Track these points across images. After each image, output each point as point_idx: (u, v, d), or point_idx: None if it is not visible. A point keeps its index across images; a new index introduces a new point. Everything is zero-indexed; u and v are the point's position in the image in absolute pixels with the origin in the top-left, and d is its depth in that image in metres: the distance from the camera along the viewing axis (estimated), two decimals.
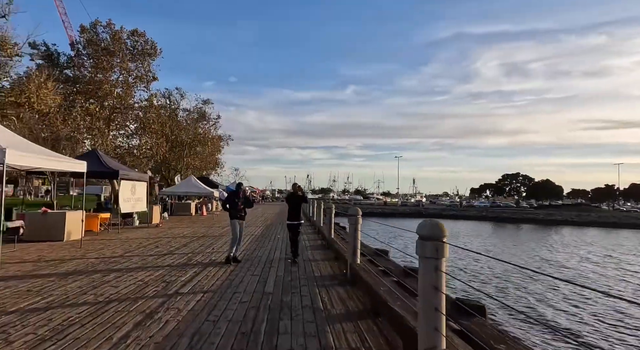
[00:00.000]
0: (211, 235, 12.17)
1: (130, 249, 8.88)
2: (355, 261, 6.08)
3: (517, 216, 58.28)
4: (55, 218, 9.96)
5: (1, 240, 7.02)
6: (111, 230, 12.84)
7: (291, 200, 7.99)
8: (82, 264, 6.92)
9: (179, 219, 19.72)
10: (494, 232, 37.35)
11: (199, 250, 8.96)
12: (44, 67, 25.22)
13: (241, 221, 7.67)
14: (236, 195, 7.67)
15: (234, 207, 7.59)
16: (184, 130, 39.66)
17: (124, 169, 13.34)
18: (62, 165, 8.20)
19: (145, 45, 33.82)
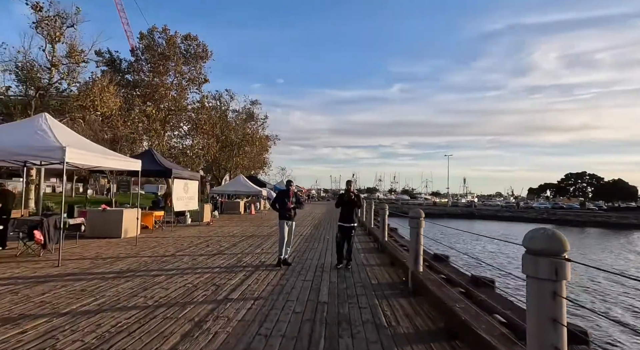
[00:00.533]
0: (260, 235, 12.01)
1: (181, 248, 8.87)
2: (418, 269, 5.44)
3: (583, 219, 53.29)
4: (113, 215, 10.28)
5: (63, 237, 7.21)
6: (165, 227, 13.15)
7: (345, 200, 7.25)
8: (135, 263, 6.91)
9: (229, 217, 20.01)
10: None
11: (248, 251, 8.74)
12: (107, 73, 26.95)
13: (290, 222, 7.28)
14: (286, 194, 7.29)
15: (284, 206, 7.21)
16: (233, 130, 40.66)
17: (177, 167, 13.62)
18: (118, 164, 8.35)
19: (198, 49, 35.08)
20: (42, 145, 6.43)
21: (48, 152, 6.41)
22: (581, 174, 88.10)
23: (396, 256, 7.25)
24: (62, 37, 19.86)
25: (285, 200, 7.21)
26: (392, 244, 8.93)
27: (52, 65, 19.26)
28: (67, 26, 20.02)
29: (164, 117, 31.75)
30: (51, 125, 7.22)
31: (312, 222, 17.75)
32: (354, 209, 7.23)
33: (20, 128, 7.12)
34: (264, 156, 49.01)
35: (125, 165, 8.63)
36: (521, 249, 2.21)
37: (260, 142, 45.14)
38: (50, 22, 19.17)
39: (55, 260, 6.74)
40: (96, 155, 7.40)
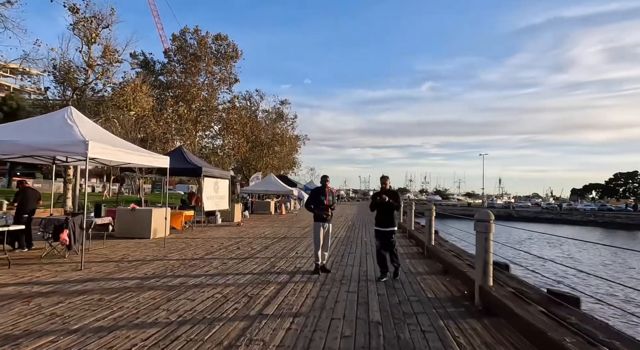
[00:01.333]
0: (292, 237, 11.32)
1: (211, 250, 8.30)
2: (487, 282, 4.50)
3: (636, 222, 49.15)
4: (142, 215, 9.90)
5: (86, 237, 6.78)
6: (195, 228, 12.74)
7: (379, 201, 6.04)
8: (161, 267, 6.36)
9: (259, 217, 19.54)
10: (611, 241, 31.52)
11: (281, 255, 8.05)
12: (140, 74, 27.36)
13: (326, 224, 6.47)
14: (321, 192, 6.49)
15: (319, 206, 6.41)
16: (263, 130, 40.53)
17: (207, 166, 13.20)
18: (146, 160, 7.89)
19: (228, 48, 35.18)
20: (64, 140, 6.00)
21: (70, 147, 5.97)
22: (632, 174, 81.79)
23: (451, 263, 6.29)
24: (98, 38, 20.15)
25: (321, 199, 6.43)
26: (438, 249, 7.95)
27: (88, 66, 19.57)
28: (102, 27, 20.28)
29: (196, 117, 31.97)
30: (76, 119, 6.82)
31: (346, 223, 16.91)
32: (393, 209, 6.03)
33: (43, 122, 6.77)
34: (294, 156, 48.68)
35: (153, 162, 8.17)
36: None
37: (290, 142, 44.86)
38: (87, 23, 19.46)
39: (79, 262, 6.30)
40: (122, 150, 6.94)
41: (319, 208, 6.35)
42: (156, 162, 8.45)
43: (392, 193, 6.13)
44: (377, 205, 6.11)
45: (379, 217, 6.09)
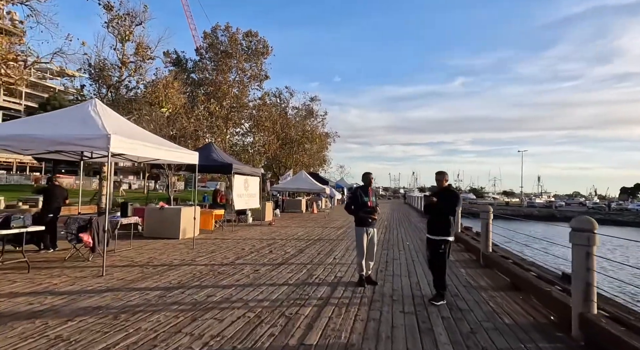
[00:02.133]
0: (328, 239, 10.53)
1: (242, 254, 7.64)
2: (591, 310, 3.51)
3: None
4: (171, 214, 9.44)
5: (106, 239, 6.28)
6: (225, 227, 12.22)
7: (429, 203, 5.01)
8: (188, 274, 5.74)
9: (290, 216, 18.92)
10: None
11: (318, 260, 7.26)
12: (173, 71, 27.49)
13: (371, 229, 5.58)
14: (365, 192, 5.60)
15: (362, 208, 5.52)
16: (293, 127, 40.04)
17: (237, 163, 12.66)
18: (173, 156, 7.33)
19: (258, 45, 34.90)
20: (84, 133, 5.49)
21: (91, 141, 5.46)
22: None
23: (525, 279, 5.25)
24: (132, 35, 20.21)
25: (364, 200, 5.55)
26: (498, 257, 6.88)
27: (121, 63, 19.65)
28: (135, 24, 20.31)
29: (227, 114, 31.90)
30: (100, 112, 6.32)
31: (381, 224, 15.94)
32: (447, 214, 4.83)
33: (66, 115, 6.32)
34: (324, 153, 47.98)
35: (180, 158, 7.61)
36: None
37: (320, 138, 44.17)
38: (120, 20, 19.52)
39: (102, 266, 5.79)
40: (148, 145, 6.38)
41: (362, 211, 5.49)
42: (185, 157, 7.89)
43: (449, 194, 4.97)
44: (429, 208, 5.09)
45: (430, 223, 5.05)
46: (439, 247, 4.82)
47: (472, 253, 8.42)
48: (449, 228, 4.84)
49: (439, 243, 4.82)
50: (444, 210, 4.86)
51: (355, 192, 5.70)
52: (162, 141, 7.61)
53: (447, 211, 4.85)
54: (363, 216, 5.49)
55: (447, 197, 4.91)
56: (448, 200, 4.86)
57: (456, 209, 5.03)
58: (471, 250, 8.57)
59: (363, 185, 5.71)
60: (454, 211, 5.01)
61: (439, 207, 4.89)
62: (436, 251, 4.85)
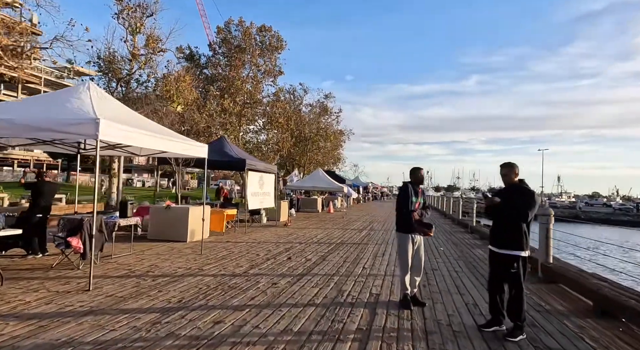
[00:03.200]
0: (351, 242, 9.45)
1: (257, 262, 6.62)
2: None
3: None
4: (178, 214, 8.49)
5: (93, 244, 5.35)
6: (238, 228, 11.25)
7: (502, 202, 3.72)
8: (192, 288, 4.73)
9: (306, 216, 17.88)
10: None
11: (345, 270, 6.19)
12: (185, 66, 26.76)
13: (417, 236, 4.46)
14: (414, 191, 4.49)
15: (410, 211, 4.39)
16: (307, 124, 39.08)
17: (251, 158, 11.68)
18: (179, 148, 6.34)
19: (272, 39, 34.00)
20: (67, 117, 4.54)
21: (76, 126, 4.50)
22: None
23: (604, 294, 4.07)
24: (143, 27, 19.46)
25: (413, 200, 4.45)
26: (566, 270, 5.68)
27: (132, 56, 18.92)
28: (146, 16, 19.55)
29: (240, 111, 31.07)
30: (93, 95, 5.38)
31: None
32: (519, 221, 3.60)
33: (52, 99, 5.41)
34: (338, 151, 46.96)
35: (187, 150, 6.62)
36: None
37: (335, 136, 43.15)
38: (131, 11, 18.78)
39: (94, 276, 4.84)
40: (147, 134, 5.41)
41: (410, 214, 4.36)
42: (192, 150, 6.91)
43: (520, 193, 3.68)
44: (491, 212, 3.85)
45: (494, 231, 3.83)
46: (509, 265, 3.61)
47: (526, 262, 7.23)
48: (521, 240, 3.59)
49: (509, 260, 3.60)
50: (514, 216, 3.62)
51: (406, 188, 4.47)
52: (166, 131, 6.64)
53: (517, 217, 3.61)
54: (409, 221, 4.34)
55: (517, 197, 3.66)
56: (519, 202, 3.61)
57: (529, 213, 3.74)
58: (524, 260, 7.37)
59: (410, 183, 4.58)
60: (527, 216, 3.63)
61: (505, 210, 3.68)
62: (506, 270, 3.65)
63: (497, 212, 3.76)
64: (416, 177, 4.53)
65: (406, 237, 4.40)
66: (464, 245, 9.86)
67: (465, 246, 9.62)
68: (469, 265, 7.04)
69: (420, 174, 4.54)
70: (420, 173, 4.54)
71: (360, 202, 37.96)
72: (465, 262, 7.28)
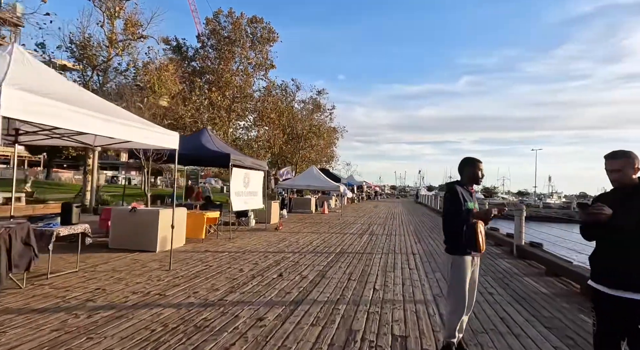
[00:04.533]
0: (352, 251, 8.10)
1: (239, 282, 5.21)
2: None
3: None
4: (146, 219, 7.03)
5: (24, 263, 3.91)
6: (222, 232, 9.80)
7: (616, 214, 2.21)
8: (141, 331, 3.31)
9: (299, 217, 16.47)
10: None
11: (352, 295, 4.81)
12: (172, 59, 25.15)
13: (477, 259, 3.13)
14: (468, 193, 3.15)
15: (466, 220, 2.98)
16: (300, 121, 37.68)
17: (236, 153, 10.24)
18: (135, 134, 4.86)
19: (264, 31, 32.52)
20: None
21: None
22: None
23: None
24: (122, 11, 17.82)
25: (468, 206, 3.05)
26: None
27: (110, 43, 17.26)
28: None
29: (229, 105, 29.50)
30: (15, 59, 3.95)
31: (408, 228, 13.42)
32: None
33: None
34: (331, 149, 45.69)
35: (150, 139, 5.17)
36: None
37: (328, 133, 41.84)
38: None
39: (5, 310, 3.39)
40: (88, 115, 3.95)
41: (467, 225, 2.97)
42: (158, 139, 5.47)
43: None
44: (595, 228, 2.37)
45: (604, 259, 2.35)
46: (637, 316, 2.14)
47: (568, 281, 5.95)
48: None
49: (637, 308, 2.14)
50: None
51: (456, 191, 3.06)
52: (124, 114, 5.18)
53: None
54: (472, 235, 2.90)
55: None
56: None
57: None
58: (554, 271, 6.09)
59: (461, 181, 3.21)
60: None
61: (624, 227, 2.22)
62: (631, 324, 2.15)
63: (607, 231, 2.37)
64: (471, 174, 3.16)
65: (464, 262, 3.02)
66: None
67: (484, 255, 8.33)
68: (501, 283, 5.72)
69: (479, 168, 3.17)
70: (479, 167, 3.17)
71: (354, 201, 36.69)
72: (496, 279, 5.97)
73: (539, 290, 5.37)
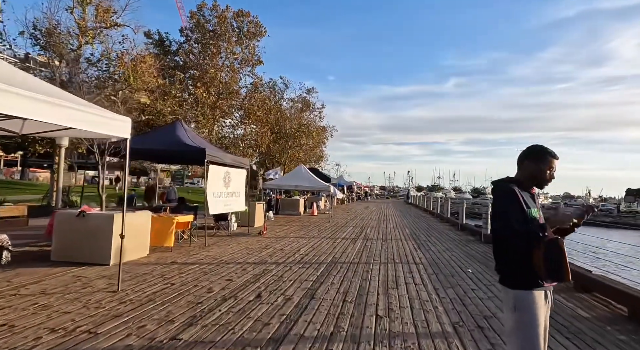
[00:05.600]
0: (345, 261, 7.01)
1: (204, 308, 4.06)
2: None
3: None
4: (96, 225, 5.81)
5: None
6: (197, 239, 8.61)
7: None
8: None
9: (287, 220, 15.32)
10: None
11: (350, 327, 3.71)
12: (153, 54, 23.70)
13: (549, 293, 2.02)
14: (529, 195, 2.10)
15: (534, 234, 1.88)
16: (288, 120, 36.51)
17: (214, 148, 9.05)
18: (71, 117, 3.69)
19: (250, 25, 31.27)
20: None
21: None
22: None
23: None
24: None
25: (531, 213, 2.00)
26: None
27: (80, 32, 15.84)
28: None
29: (214, 102, 28.14)
30: None
31: (403, 230, 12.40)
32: None
33: None
34: (321, 149, 44.64)
35: (93, 124, 3.98)
36: None
37: (317, 133, 40.75)
38: None
39: None
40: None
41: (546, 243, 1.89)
42: (106, 126, 4.29)
43: None
44: None
45: None
46: None
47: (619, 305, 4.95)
48: None
49: None
50: None
51: (512, 192, 2.01)
52: (56, 91, 3.99)
53: None
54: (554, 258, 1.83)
55: None
56: None
57: None
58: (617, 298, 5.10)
59: (515, 179, 2.15)
60: None
61: None
62: None
63: None
64: (537, 172, 2.09)
65: (535, 299, 1.95)
66: (491, 261, 7.56)
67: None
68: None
69: (551, 165, 2.09)
70: (551, 164, 2.09)
71: (345, 202, 35.67)
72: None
73: None
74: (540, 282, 1.95)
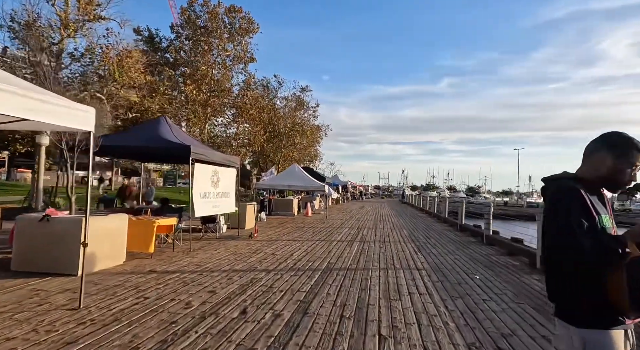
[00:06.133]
0: (341, 267, 6.44)
1: (177, 330, 3.46)
2: None
3: None
4: (62, 230, 5.18)
5: None
6: (182, 243, 8.00)
7: None
8: None
9: (279, 221, 14.71)
10: None
11: (352, 349, 3.14)
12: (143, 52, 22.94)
13: (629, 329, 1.44)
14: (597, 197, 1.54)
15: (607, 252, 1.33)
16: (282, 119, 35.84)
17: (200, 146, 8.43)
18: (23, 106, 3.08)
19: (243, 22, 30.58)
20: None
21: None
22: None
23: None
24: None
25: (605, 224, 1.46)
26: None
27: (62, 24, 15.09)
28: None
29: (206, 100, 27.42)
30: None
31: (403, 232, 11.87)
32: None
33: None
34: (315, 148, 44.01)
35: (51, 115, 3.38)
36: None
37: (312, 131, 40.11)
38: None
39: None
40: None
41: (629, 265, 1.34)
42: (66, 118, 3.67)
43: None
44: None
45: None
46: None
47: None
48: None
49: None
50: None
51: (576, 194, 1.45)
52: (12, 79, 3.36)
53: None
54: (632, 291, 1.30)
55: None
56: None
57: None
58: None
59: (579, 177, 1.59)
60: None
61: None
62: None
63: None
64: (616, 168, 1.52)
65: (612, 341, 1.39)
66: (498, 266, 7.05)
67: (501, 268, 6.80)
68: (547, 315, 4.16)
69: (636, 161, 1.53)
70: (636, 160, 1.52)
71: (339, 202, 35.12)
72: (538, 310, 4.40)
73: None
74: (620, 319, 1.40)
